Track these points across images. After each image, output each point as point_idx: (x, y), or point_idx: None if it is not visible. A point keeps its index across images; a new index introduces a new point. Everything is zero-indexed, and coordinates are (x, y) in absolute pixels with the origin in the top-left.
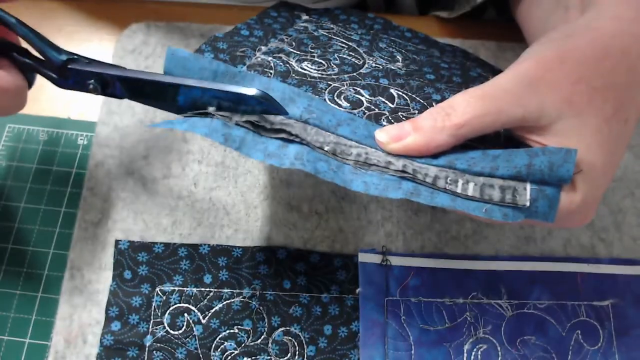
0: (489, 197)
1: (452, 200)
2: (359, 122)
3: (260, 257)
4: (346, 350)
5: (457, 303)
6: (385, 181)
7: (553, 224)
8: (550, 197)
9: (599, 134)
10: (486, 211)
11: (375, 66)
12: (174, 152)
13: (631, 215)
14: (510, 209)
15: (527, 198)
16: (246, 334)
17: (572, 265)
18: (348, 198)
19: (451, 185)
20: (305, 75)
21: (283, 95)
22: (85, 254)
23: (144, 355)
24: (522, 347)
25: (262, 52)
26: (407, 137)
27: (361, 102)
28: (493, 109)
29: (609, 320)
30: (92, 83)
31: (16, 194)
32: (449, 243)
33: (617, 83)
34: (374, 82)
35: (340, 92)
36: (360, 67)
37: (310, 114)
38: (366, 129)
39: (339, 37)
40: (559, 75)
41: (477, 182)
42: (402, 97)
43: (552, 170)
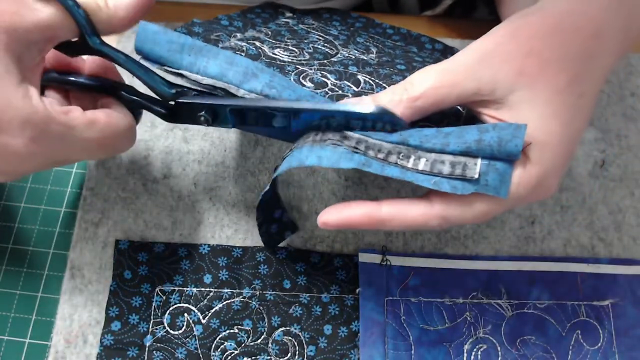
0: (439, 171)
1: (401, 172)
2: (318, 98)
3: (260, 257)
4: (346, 350)
5: (457, 303)
6: (337, 154)
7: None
8: (501, 171)
9: (552, 104)
10: (434, 183)
11: (348, 56)
12: (174, 152)
13: (631, 215)
14: (459, 182)
15: (476, 171)
16: (246, 334)
17: (572, 265)
18: (348, 198)
19: (402, 161)
20: (275, 59)
21: (246, 70)
22: (85, 254)
23: (144, 355)
24: (522, 347)
25: (237, 39)
26: None
27: (325, 84)
28: (447, 82)
29: (609, 320)
30: (203, 115)
31: (16, 194)
32: (449, 243)
33: (569, 56)
34: (343, 69)
35: (307, 75)
36: (332, 56)
37: (270, 89)
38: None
39: (318, 31)
40: (511, 49)
41: (429, 158)
42: (368, 82)
43: (501, 145)
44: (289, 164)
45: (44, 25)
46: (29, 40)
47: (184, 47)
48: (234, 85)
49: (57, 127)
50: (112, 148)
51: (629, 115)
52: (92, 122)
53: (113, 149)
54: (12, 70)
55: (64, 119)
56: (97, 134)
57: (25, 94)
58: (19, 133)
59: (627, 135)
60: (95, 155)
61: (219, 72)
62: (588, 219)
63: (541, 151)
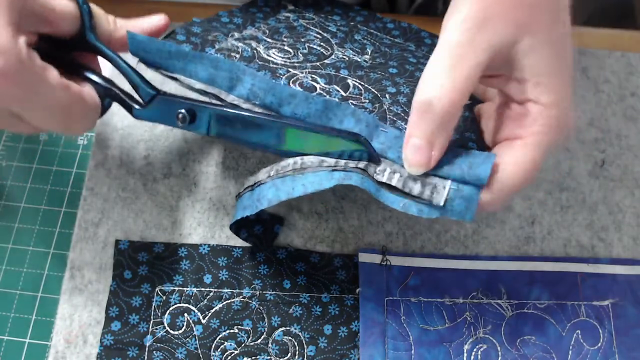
0: (409, 190)
1: (376, 190)
2: (299, 98)
3: (260, 257)
4: (346, 350)
5: (457, 303)
6: (319, 176)
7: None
8: (467, 197)
9: (550, 43)
10: (403, 206)
11: (341, 57)
12: (174, 152)
13: (631, 215)
14: (426, 206)
15: (443, 198)
16: (246, 334)
17: (572, 265)
18: (348, 198)
19: (378, 175)
20: (269, 62)
21: (231, 74)
22: (85, 254)
23: (144, 355)
24: (522, 347)
25: (234, 38)
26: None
27: (314, 88)
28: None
29: (609, 320)
30: (182, 112)
31: (16, 194)
32: (449, 243)
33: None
34: (334, 72)
35: (297, 79)
36: (326, 57)
37: (255, 97)
38: (306, 107)
39: (316, 28)
40: (499, 9)
41: (402, 174)
42: (357, 87)
43: (472, 168)
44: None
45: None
46: (32, 11)
47: (171, 54)
48: (224, 90)
49: (30, 75)
50: (74, 120)
51: (629, 115)
52: (65, 86)
53: (74, 121)
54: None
55: (40, 71)
56: (66, 98)
57: (14, 34)
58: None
59: (627, 135)
60: (56, 121)
61: (208, 77)
62: (588, 219)
63: (552, 92)
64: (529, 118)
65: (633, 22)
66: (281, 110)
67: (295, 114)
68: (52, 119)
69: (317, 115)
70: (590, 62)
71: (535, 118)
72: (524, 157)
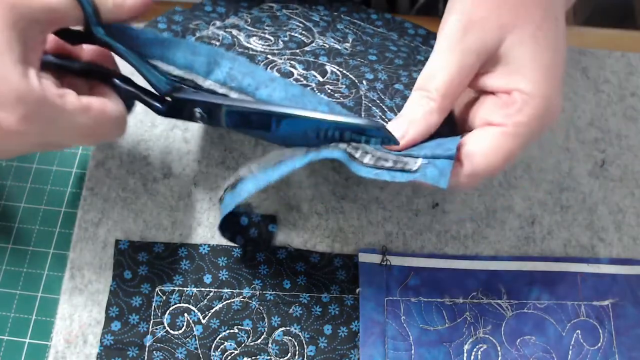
0: (381, 166)
1: (348, 160)
2: (277, 82)
3: (260, 257)
4: (346, 350)
5: (457, 303)
6: (294, 157)
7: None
8: (440, 167)
9: (536, 38)
10: (376, 174)
11: (322, 45)
12: (174, 152)
13: (631, 215)
14: (398, 172)
15: (416, 165)
16: (246, 334)
17: (572, 265)
18: (348, 198)
19: (351, 150)
20: (248, 49)
21: (209, 59)
22: (85, 254)
23: (144, 355)
24: (522, 346)
25: (216, 27)
26: (407, 133)
27: (292, 73)
28: (456, 70)
29: (609, 320)
30: (199, 111)
31: (16, 194)
32: (449, 243)
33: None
34: (313, 59)
35: (275, 65)
36: (306, 45)
37: (232, 80)
38: (284, 90)
39: (299, 17)
40: (482, 13)
41: (374, 155)
42: (334, 72)
43: (440, 145)
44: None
45: (51, 8)
46: (34, 20)
47: (149, 41)
48: (201, 76)
49: (50, 109)
50: (102, 135)
51: (629, 115)
52: (86, 108)
53: (103, 136)
54: (14, 47)
55: (59, 101)
56: (90, 120)
57: (24, 72)
58: (12, 110)
59: (627, 135)
60: (85, 141)
61: (185, 63)
62: (588, 219)
63: (536, 84)
64: (513, 107)
65: (633, 22)
66: (257, 93)
67: (271, 97)
68: (80, 139)
69: (294, 100)
70: (590, 62)
71: (519, 108)
72: (504, 146)
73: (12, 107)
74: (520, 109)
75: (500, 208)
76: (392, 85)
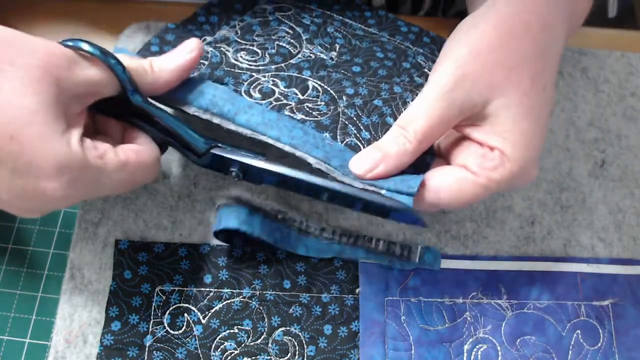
0: (393, 252)
1: (366, 254)
2: (255, 108)
3: (260, 257)
4: (346, 350)
5: (457, 303)
6: (320, 245)
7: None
8: (434, 252)
9: (522, 106)
10: (389, 261)
11: (308, 56)
12: (174, 152)
13: (631, 215)
14: (405, 262)
15: (417, 256)
16: (246, 334)
17: (572, 265)
18: None
19: (368, 243)
20: (234, 67)
21: (195, 88)
22: (85, 254)
23: (144, 355)
24: (522, 346)
25: (206, 43)
26: (378, 167)
27: (273, 92)
28: (437, 119)
29: (609, 320)
30: (234, 170)
31: None
32: (449, 243)
33: (527, 57)
34: (296, 74)
35: (258, 84)
36: (293, 56)
37: (214, 106)
38: (261, 116)
39: (290, 21)
40: (476, 68)
41: (385, 240)
42: (316, 88)
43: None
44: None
45: (91, 83)
46: (76, 94)
47: None
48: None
49: (92, 172)
50: (139, 183)
51: (629, 115)
52: (124, 164)
53: (140, 183)
54: (58, 120)
55: (100, 163)
56: (128, 174)
57: (68, 142)
58: (57, 178)
59: (627, 135)
60: (122, 190)
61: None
62: (588, 219)
63: (516, 149)
64: (491, 163)
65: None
66: (236, 118)
67: (249, 122)
68: (118, 190)
69: (270, 124)
70: (590, 62)
71: (495, 166)
72: (471, 192)
73: (56, 176)
74: (496, 168)
75: (500, 208)
76: (372, 101)
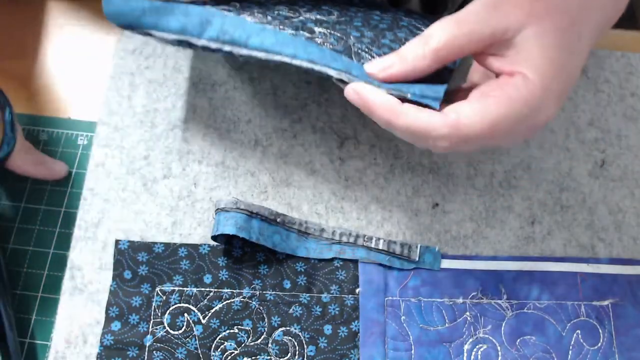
0: (393, 250)
1: (367, 253)
2: (267, 31)
3: (260, 257)
4: (346, 350)
5: (457, 303)
6: (320, 246)
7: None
8: (434, 253)
9: (556, 38)
10: (389, 260)
11: (308, 17)
12: (174, 152)
13: (631, 215)
14: (405, 261)
15: (417, 255)
16: (246, 334)
17: (572, 265)
18: (348, 198)
19: (368, 242)
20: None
21: (201, 19)
22: (85, 254)
23: (144, 355)
24: (522, 346)
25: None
26: (392, 67)
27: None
28: (465, 30)
29: (609, 320)
30: None
31: (16, 194)
32: (449, 243)
33: (571, 3)
34: (301, 25)
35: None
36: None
37: (224, 34)
38: (274, 37)
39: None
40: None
41: (385, 239)
42: (322, 33)
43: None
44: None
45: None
46: None
47: (145, 11)
48: (194, 36)
49: None
50: None
51: (629, 115)
52: None
53: None
54: None
55: None
56: None
57: None
58: None
59: (627, 135)
60: None
61: (179, 27)
62: (588, 219)
63: (544, 75)
64: (509, 85)
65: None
66: (249, 42)
67: (262, 44)
68: None
69: (285, 42)
70: (590, 62)
71: (517, 87)
72: (490, 111)
73: None
74: (517, 87)
75: (500, 208)
76: (379, 40)
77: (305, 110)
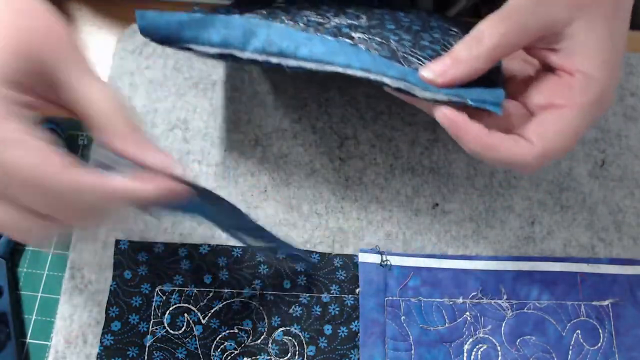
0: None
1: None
2: (315, 40)
3: (260, 257)
4: (346, 350)
5: (457, 303)
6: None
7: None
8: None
9: (606, 29)
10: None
11: (339, 22)
12: (174, 152)
13: (631, 215)
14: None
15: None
16: (246, 334)
17: (572, 265)
18: (348, 198)
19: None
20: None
21: (244, 30)
22: (85, 254)
23: (144, 355)
24: (522, 346)
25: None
26: (448, 71)
27: None
28: (515, 26)
29: (609, 320)
30: None
31: None
32: (449, 243)
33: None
34: (336, 30)
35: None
36: (325, 24)
37: (270, 45)
38: (323, 45)
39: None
40: None
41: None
42: (361, 38)
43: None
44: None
45: None
46: None
47: (183, 24)
48: (238, 49)
49: None
50: None
51: (629, 115)
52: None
53: None
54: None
55: None
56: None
57: None
58: None
59: (627, 135)
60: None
61: (221, 39)
62: (588, 219)
63: (601, 69)
64: (576, 89)
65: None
66: (298, 52)
67: (312, 53)
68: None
69: (335, 51)
70: None
71: (584, 90)
72: (572, 125)
73: None
74: (584, 92)
75: (500, 208)
76: (419, 43)
77: (305, 110)
